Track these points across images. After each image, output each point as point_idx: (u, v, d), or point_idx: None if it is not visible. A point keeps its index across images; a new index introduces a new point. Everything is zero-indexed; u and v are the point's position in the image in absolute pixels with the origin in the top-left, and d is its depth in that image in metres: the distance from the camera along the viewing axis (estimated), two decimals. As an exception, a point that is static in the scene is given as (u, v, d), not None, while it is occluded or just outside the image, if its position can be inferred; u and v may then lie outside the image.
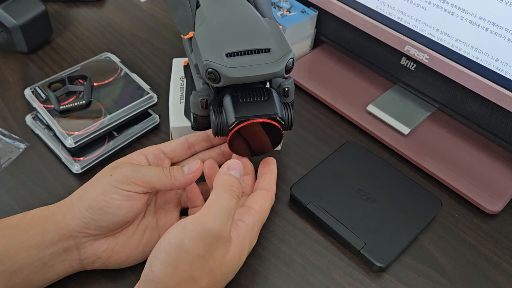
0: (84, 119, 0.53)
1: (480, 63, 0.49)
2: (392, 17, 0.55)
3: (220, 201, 0.37)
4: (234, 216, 0.38)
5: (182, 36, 0.46)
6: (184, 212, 0.46)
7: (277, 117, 0.39)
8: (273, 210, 0.50)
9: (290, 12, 0.63)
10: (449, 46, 0.51)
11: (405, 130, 0.57)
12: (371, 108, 0.59)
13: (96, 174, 0.42)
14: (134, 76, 0.58)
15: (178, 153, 0.46)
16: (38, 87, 0.56)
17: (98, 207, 0.38)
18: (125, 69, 0.59)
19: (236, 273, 0.40)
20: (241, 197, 0.40)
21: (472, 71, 0.50)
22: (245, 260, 0.41)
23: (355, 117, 0.59)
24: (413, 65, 0.56)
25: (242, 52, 0.38)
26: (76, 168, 0.50)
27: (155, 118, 0.56)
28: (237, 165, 0.40)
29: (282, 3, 0.64)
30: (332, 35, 0.64)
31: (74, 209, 0.39)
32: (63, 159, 0.51)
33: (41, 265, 0.38)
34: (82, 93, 0.55)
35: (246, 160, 0.45)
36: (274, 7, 0.63)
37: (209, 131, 0.46)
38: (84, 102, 0.54)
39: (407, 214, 0.48)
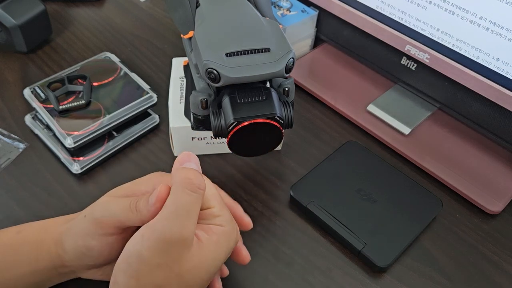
0: (83, 119, 0.52)
1: (481, 62, 0.49)
2: (393, 17, 0.55)
3: (176, 202, 0.33)
4: (198, 212, 0.34)
5: (182, 35, 0.46)
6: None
7: (276, 117, 0.39)
8: (273, 210, 0.49)
9: (290, 11, 0.63)
10: (450, 46, 0.51)
11: (406, 130, 0.57)
12: (372, 108, 0.59)
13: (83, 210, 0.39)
14: (134, 76, 0.58)
15: None
16: (38, 87, 0.55)
17: (80, 252, 0.36)
18: (125, 69, 0.59)
19: (210, 276, 0.35)
20: (204, 189, 0.35)
21: (473, 70, 0.50)
22: (226, 259, 0.37)
23: (355, 117, 0.58)
24: (413, 65, 0.56)
25: (242, 52, 0.38)
26: (75, 168, 0.50)
27: (154, 118, 0.56)
28: (188, 156, 0.36)
29: (282, 2, 0.64)
30: (333, 34, 0.64)
31: (64, 243, 0.37)
32: (62, 159, 0.51)
33: (36, 285, 0.38)
34: (82, 93, 0.55)
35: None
36: (274, 7, 0.63)
37: None
38: (83, 102, 0.54)
39: (408, 214, 0.48)
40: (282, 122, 0.40)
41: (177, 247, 0.32)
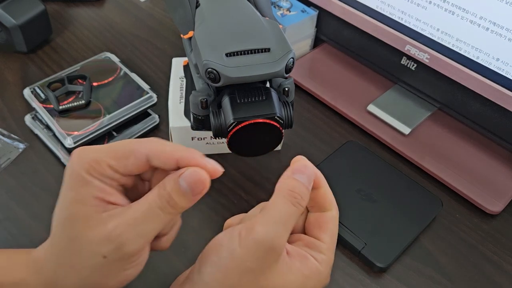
0: (83, 119, 0.52)
1: (481, 62, 0.49)
2: (393, 17, 0.55)
3: (275, 208, 0.32)
4: (292, 227, 0.32)
5: (181, 35, 0.46)
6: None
7: (276, 117, 0.39)
8: (273, 210, 0.49)
9: (290, 11, 0.63)
10: (450, 46, 0.51)
11: (406, 130, 0.57)
12: (372, 108, 0.59)
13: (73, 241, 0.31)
14: (134, 76, 0.58)
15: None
16: (38, 87, 0.55)
17: None
18: (125, 69, 0.59)
19: None
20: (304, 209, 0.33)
21: (473, 70, 0.50)
22: None
23: (355, 117, 0.58)
24: (413, 65, 0.56)
25: (242, 52, 0.38)
26: (75, 168, 0.50)
27: (154, 118, 0.56)
28: (305, 168, 0.34)
29: (282, 2, 0.64)
30: (333, 34, 0.64)
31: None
32: (62, 159, 0.51)
33: None
34: (82, 93, 0.55)
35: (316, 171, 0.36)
36: (274, 7, 0.63)
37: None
38: (83, 102, 0.54)
39: (408, 214, 0.48)
40: (282, 122, 0.40)
41: (267, 257, 0.31)
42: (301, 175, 0.34)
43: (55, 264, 0.32)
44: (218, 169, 0.32)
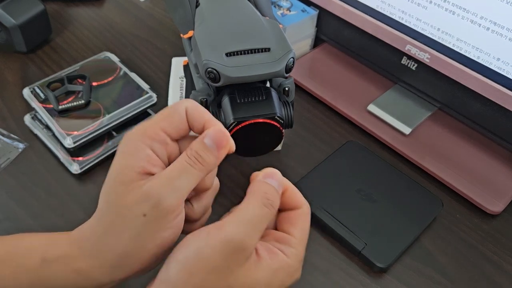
0: (83, 119, 0.52)
1: (481, 62, 0.49)
2: (393, 17, 0.55)
3: (248, 209, 0.33)
4: (264, 228, 0.33)
5: (181, 35, 0.46)
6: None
7: (276, 117, 0.39)
8: (273, 210, 0.49)
9: (290, 11, 0.63)
10: (450, 46, 0.51)
11: (406, 130, 0.57)
12: (372, 108, 0.59)
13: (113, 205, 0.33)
14: (134, 76, 0.58)
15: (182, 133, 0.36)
16: (37, 86, 0.55)
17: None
18: (125, 69, 0.59)
19: None
20: (276, 212, 0.34)
21: (473, 70, 0.50)
22: None
23: (355, 117, 0.58)
24: (414, 65, 0.56)
25: (242, 52, 0.38)
26: (75, 168, 0.50)
27: (154, 118, 0.56)
28: (275, 174, 0.35)
29: (282, 2, 0.64)
30: (333, 34, 0.64)
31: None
32: (62, 159, 0.51)
33: None
34: (81, 92, 0.55)
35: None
36: (274, 6, 0.63)
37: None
38: (83, 101, 0.54)
39: (408, 214, 0.48)
40: (282, 122, 0.39)
41: (236, 256, 0.31)
42: (271, 180, 0.35)
43: (100, 233, 0.33)
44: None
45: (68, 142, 0.50)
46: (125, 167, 0.33)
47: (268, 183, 0.35)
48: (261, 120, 0.38)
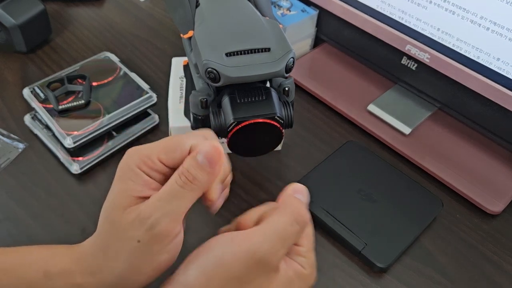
0: (83, 119, 0.52)
1: (481, 62, 0.49)
2: (393, 17, 0.55)
3: (279, 223, 0.32)
4: (291, 245, 0.33)
5: (181, 35, 0.46)
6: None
7: (276, 117, 0.39)
8: (273, 210, 0.49)
9: (290, 11, 0.63)
10: (450, 46, 0.51)
11: (406, 130, 0.57)
12: (372, 107, 0.59)
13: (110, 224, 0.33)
14: (134, 76, 0.58)
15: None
16: (37, 86, 0.55)
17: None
18: (124, 69, 0.59)
19: None
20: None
21: (473, 70, 0.50)
22: None
23: (355, 117, 0.58)
24: (414, 65, 0.56)
25: (242, 52, 0.38)
26: (75, 168, 0.50)
27: (154, 118, 0.56)
28: (304, 190, 0.35)
29: (282, 2, 0.64)
30: (333, 34, 0.64)
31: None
32: (62, 159, 0.51)
33: None
34: (81, 92, 0.55)
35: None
36: (274, 6, 0.63)
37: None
38: (83, 101, 0.54)
39: (408, 214, 0.48)
40: (282, 122, 0.39)
41: (258, 268, 0.31)
42: (302, 196, 0.35)
43: (99, 252, 0.33)
44: None
45: (68, 142, 0.50)
46: (122, 191, 0.33)
47: (300, 199, 0.34)
48: (261, 120, 0.38)
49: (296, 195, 0.34)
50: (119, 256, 0.32)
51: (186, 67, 0.54)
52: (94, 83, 0.57)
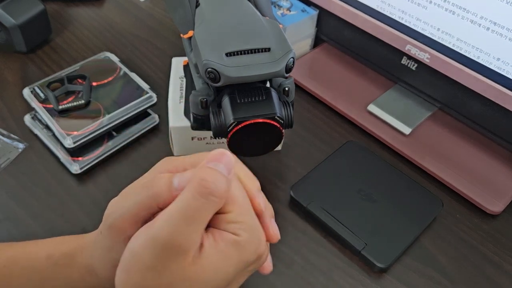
0: (83, 119, 0.52)
1: (481, 62, 0.49)
2: (393, 17, 0.55)
3: (181, 202, 0.29)
4: (205, 220, 0.29)
5: (181, 35, 0.46)
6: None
7: (276, 117, 0.39)
8: (273, 210, 0.49)
9: (290, 11, 0.63)
10: (450, 46, 0.51)
11: (406, 130, 0.57)
12: (372, 107, 0.59)
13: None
14: (134, 76, 0.58)
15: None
16: (37, 86, 0.55)
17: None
18: (124, 69, 0.59)
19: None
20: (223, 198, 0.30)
21: (473, 70, 0.50)
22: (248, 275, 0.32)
23: (355, 117, 0.58)
24: (414, 65, 0.56)
25: (242, 52, 0.38)
26: (75, 168, 0.50)
27: (154, 118, 0.56)
28: (221, 156, 0.31)
29: (282, 2, 0.64)
30: (333, 34, 0.64)
31: (96, 271, 0.34)
32: (62, 159, 0.51)
33: None
34: (81, 92, 0.55)
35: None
36: (274, 6, 0.63)
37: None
38: (83, 102, 0.54)
39: (408, 214, 0.48)
40: (282, 122, 0.39)
41: (169, 253, 0.28)
42: (216, 163, 0.30)
43: (93, 242, 0.34)
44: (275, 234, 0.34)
45: (68, 142, 0.50)
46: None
47: (211, 168, 0.30)
48: (261, 120, 0.38)
49: (209, 164, 0.30)
50: (97, 247, 0.33)
51: (186, 67, 0.54)
52: (94, 83, 0.57)
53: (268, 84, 0.42)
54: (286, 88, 0.42)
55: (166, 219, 0.29)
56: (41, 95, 0.54)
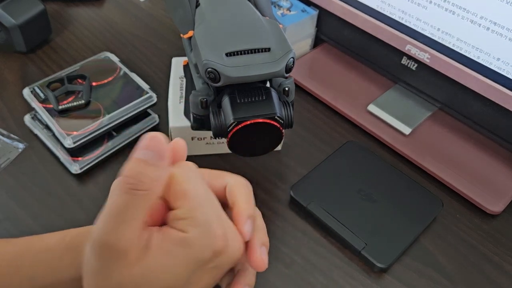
0: (83, 119, 0.52)
1: (481, 62, 0.49)
2: (393, 17, 0.55)
3: (110, 199, 0.28)
4: (138, 216, 0.28)
5: (181, 35, 0.46)
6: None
7: (276, 117, 0.39)
8: (273, 210, 0.49)
9: (290, 11, 0.63)
10: (450, 46, 0.51)
11: (406, 130, 0.57)
12: (372, 108, 0.59)
13: None
14: (134, 76, 0.58)
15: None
16: (37, 86, 0.55)
17: None
18: (124, 69, 0.59)
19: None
20: (157, 189, 0.28)
21: (473, 70, 0.50)
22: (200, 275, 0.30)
23: (355, 117, 0.58)
24: (414, 65, 0.56)
25: (242, 52, 0.38)
26: (75, 168, 0.50)
27: (154, 118, 0.56)
28: (150, 141, 0.28)
29: (282, 2, 0.64)
30: (333, 34, 0.64)
31: None
32: (62, 159, 0.51)
33: None
34: (81, 92, 0.55)
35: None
36: (274, 6, 0.63)
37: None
38: (83, 102, 0.54)
39: (408, 214, 0.48)
40: (282, 122, 0.39)
41: (108, 255, 0.27)
42: (144, 151, 0.28)
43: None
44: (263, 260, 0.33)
45: (68, 142, 0.50)
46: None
47: (136, 159, 0.28)
48: (261, 120, 0.38)
49: (136, 154, 0.28)
50: None
51: (186, 67, 0.54)
52: (94, 83, 0.57)
53: (268, 84, 0.42)
54: (286, 88, 0.42)
55: (99, 221, 0.28)
56: (41, 95, 0.54)
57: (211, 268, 0.30)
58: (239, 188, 0.34)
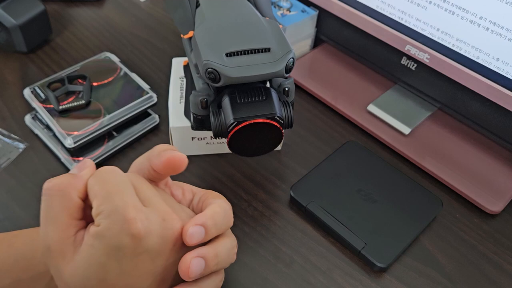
0: (83, 119, 0.52)
1: (481, 62, 0.49)
2: (393, 17, 0.55)
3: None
4: (57, 216, 0.32)
5: (181, 35, 0.46)
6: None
7: (276, 117, 0.39)
8: (273, 210, 0.49)
9: (290, 11, 0.63)
10: (450, 46, 0.51)
11: (406, 130, 0.57)
12: (372, 108, 0.59)
13: None
14: (134, 76, 0.58)
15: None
16: (38, 87, 0.55)
17: None
18: (125, 69, 0.59)
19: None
20: (70, 191, 0.32)
21: (473, 70, 0.50)
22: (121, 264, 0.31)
23: (355, 117, 0.58)
24: (413, 65, 0.56)
25: (242, 52, 0.38)
26: (75, 168, 0.50)
27: (154, 118, 0.56)
28: (80, 162, 0.35)
29: (282, 2, 0.64)
30: (333, 34, 0.64)
31: None
32: (62, 159, 0.51)
33: None
34: (82, 93, 0.55)
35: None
36: (274, 7, 0.63)
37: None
38: (83, 102, 0.54)
39: (408, 214, 0.48)
40: (282, 122, 0.40)
41: (51, 256, 0.32)
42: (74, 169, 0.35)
43: None
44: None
45: (69, 142, 0.50)
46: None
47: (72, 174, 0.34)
48: (261, 120, 0.38)
49: (72, 170, 0.34)
50: None
51: (186, 67, 0.54)
52: (95, 83, 0.57)
53: (268, 84, 0.42)
54: (286, 88, 0.42)
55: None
56: (42, 95, 0.54)
57: (141, 253, 0.31)
58: (214, 205, 0.37)
